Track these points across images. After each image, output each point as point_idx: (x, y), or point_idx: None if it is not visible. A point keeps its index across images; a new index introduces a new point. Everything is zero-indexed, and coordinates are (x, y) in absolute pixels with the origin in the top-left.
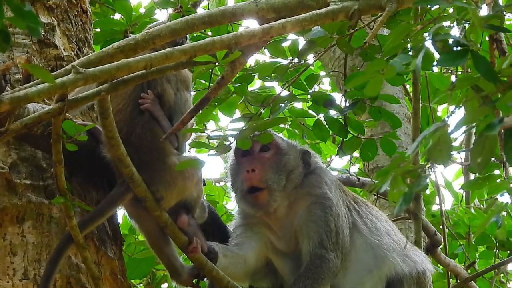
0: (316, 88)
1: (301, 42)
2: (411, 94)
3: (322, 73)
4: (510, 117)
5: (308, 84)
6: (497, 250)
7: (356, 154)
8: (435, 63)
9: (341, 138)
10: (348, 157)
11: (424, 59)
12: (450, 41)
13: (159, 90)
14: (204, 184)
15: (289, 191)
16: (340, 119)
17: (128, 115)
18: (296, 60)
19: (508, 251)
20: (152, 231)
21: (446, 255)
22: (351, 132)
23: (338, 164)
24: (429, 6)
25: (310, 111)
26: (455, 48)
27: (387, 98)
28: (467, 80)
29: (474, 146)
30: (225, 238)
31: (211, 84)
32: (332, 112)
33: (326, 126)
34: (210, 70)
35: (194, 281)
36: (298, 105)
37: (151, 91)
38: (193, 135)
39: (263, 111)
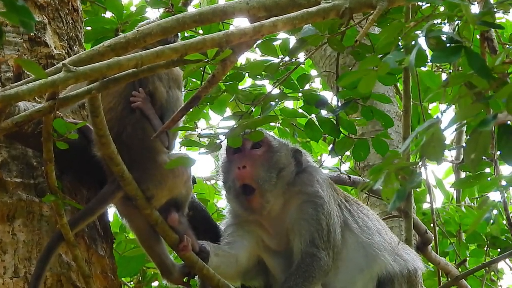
0: (307, 86)
1: (293, 40)
2: (401, 92)
3: (314, 72)
4: (503, 113)
5: (300, 84)
6: (488, 248)
7: (347, 152)
8: (428, 60)
9: (333, 138)
10: None
11: (417, 56)
12: (443, 37)
13: (151, 89)
14: (195, 182)
15: (281, 189)
16: (332, 119)
17: (119, 113)
18: (287, 58)
19: (499, 249)
20: (142, 230)
21: (437, 253)
22: (342, 132)
23: (329, 162)
24: (420, 3)
25: (301, 111)
26: (448, 45)
27: (379, 97)
28: (460, 77)
29: (468, 143)
30: (216, 237)
31: (202, 83)
32: (324, 112)
33: (318, 126)
34: (201, 69)
35: (184, 280)
36: (289, 104)
37: (142, 89)
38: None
39: (254, 109)
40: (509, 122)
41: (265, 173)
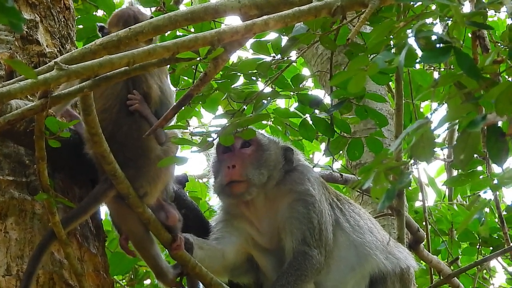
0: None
1: (285, 39)
2: (393, 90)
3: (306, 70)
4: (492, 114)
5: (293, 84)
6: (480, 247)
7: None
8: (418, 60)
9: (326, 138)
10: None
11: (407, 56)
12: (433, 38)
13: (145, 89)
14: (187, 180)
15: (270, 187)
16: (326, 119)
17: (114, 115)
18: (279, 56)
19: (491, 248)
20: (136, 231)
21: (429, 252)
22: (336, 131)
23: (321, 160)
24: (412, 3)
25: (295, 111)
26: (438, 45)
27: (372, 96)
28: (450, 77)
29: (457, 143)
30: (207, 235)
31: (194, 81)
32: (317, 111)
33: (312, 125)
34: (193, 67)
35: (177, 280)
36: (282, 104)
37: (136, 91)
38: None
39: (246, 108)
40: (498, 123)
41: (254, 171)
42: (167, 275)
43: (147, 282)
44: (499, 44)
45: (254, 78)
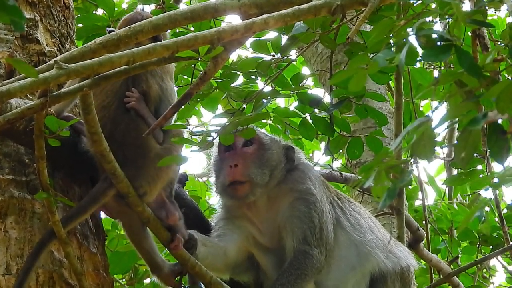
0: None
1: (284, 38)
2: (393, 89)
3: (305, 69)
4: (493, 112)
5: (293, 83)
6: (480, 245)
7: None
8: (418, 58)
9: (326, 137)
10: None
11: (407, 54)
12: (434, 36)
13: (144, 87)
14: (186, 179)
15: (272, 186)
16: (326, 118)
17: (112, 112)
18: (278, 55)
19: (491, 246)
20: (133, 227)
21: (429, 251)
22: (336, 130)
23: (321, 159)
24: (412, 1)
25: (295, 110)
26: (438, 43)
27: (372, 95)
28: (450, 75)
29: (458, 141)
30: (207, 234)
31: (193, 80)
32: (317, 111)
33: (312, 125)
34: (193, 66)
35: (176, 279)
36: (282, 102)
37: (135, 89)
38: None
39: (245, 107)
40: (499, 121)
41: (257, 170)
42: (163, 269)
43: (147, 281)
44: (499, 42)
45: (254, 77)
